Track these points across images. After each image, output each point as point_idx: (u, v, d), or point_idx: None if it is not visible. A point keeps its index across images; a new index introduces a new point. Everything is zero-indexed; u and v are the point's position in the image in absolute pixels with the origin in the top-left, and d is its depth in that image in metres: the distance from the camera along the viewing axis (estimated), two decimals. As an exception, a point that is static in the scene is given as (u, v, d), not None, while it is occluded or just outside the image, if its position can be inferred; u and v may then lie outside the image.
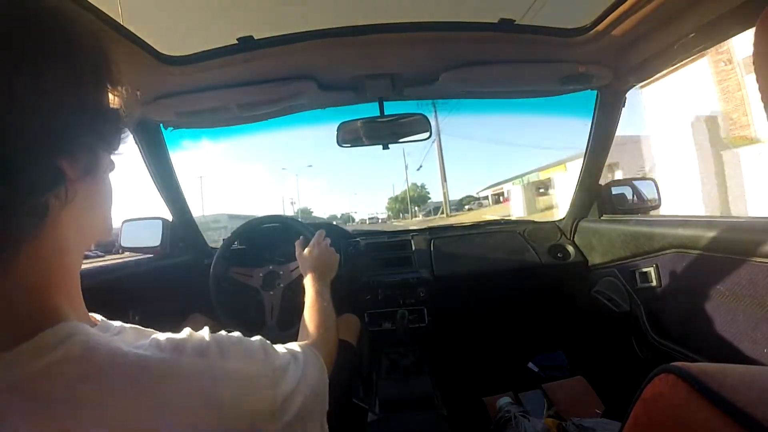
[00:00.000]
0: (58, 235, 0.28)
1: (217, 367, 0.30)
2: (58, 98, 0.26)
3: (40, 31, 0.25)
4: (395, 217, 44.64)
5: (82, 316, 0.32)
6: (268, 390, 0.33)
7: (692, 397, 0.24)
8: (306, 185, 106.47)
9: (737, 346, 0.74)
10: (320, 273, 0.79)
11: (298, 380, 0.38)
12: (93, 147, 0.30)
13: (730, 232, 0.75)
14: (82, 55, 0.28)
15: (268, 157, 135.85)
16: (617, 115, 1.18)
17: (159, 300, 1.09)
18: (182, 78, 0.94)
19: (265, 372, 0.34)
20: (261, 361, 0.35)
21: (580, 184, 1.34)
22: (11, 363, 0.24)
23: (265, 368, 0.34)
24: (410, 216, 38.81)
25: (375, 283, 1.32)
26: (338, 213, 49.66)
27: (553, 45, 0.95)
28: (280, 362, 0.37)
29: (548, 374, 1.40)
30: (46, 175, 0.26)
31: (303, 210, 46.04)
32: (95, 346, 0.26)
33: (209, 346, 0.31)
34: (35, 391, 0.24)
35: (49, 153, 0.26)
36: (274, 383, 0.34)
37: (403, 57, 0.98)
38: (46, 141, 0.25)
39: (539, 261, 1.34)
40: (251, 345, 0.35)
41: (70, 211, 0.28)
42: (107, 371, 0.26)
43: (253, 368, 0.33)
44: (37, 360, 0.25)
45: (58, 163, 0.26)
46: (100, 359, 0.26)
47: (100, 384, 0.25)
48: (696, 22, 0.76)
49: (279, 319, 1.06)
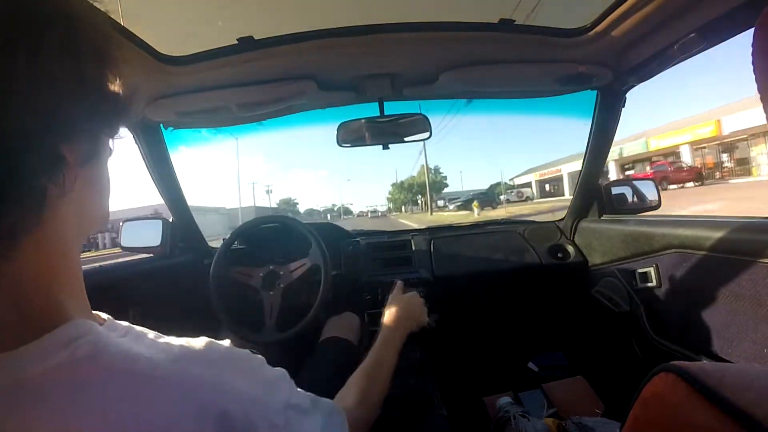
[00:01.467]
0: (58, 226, 0.28)
1: (226, 380, 0.29)
2: (59, 80, 0.25)
3: (39, 11, 0.25)
4: (396, 209, 35.89)
5: (87, 313, 0.31)
6: (276, 418, 0.31)
7: (691, 397, 0.24)
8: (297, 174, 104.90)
9: (737, 346, 0.74)
10: (404, 326, 0.74)
11: (322, 426, 0.36)
12: (94, 132, 0.29)
13: (731, 232, 0.75)
14: (82, 37, 0.27)
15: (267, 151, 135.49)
16: (617, 115, 1.18)
17: (159, 300, 1.09)
18: (182, 78, 0.94)
19: (276, 400, 0.32)
20: (275, 387, 0.33)
21: (580, 184, 1.34)
22: (18, 362, 0.24)
23: (276, 396, 0.33)
24: (425, 208, 29.59)
25: (375, 283, 1.32)
26: (328, 204, 47.52)
27: (553, 45, 0.95)
28: (297, 401, 0.35)
29: (548, 374, 1.40)
30: (47, 161, 0.25)
31: (285, 201, 42.16)
32: (104, 348, 0.26)
33: (223, 358, 0.31)
34: (43, 390, 0.24)
35: (49, 137, 0.25)
36: (286, 414, 0.32)
37: (403, 57, 0.98)
38: (47, 124, 0.24)
39: (539, 261, 1.34)
40: (270, 372, 0.34)
41: (69, 199, 0.28)
42: (116, 373, 0.26)
43: (264, 392, 0.32)
44: (45, 360, 0.24)
45: (58, 147, 0.26)
46: (109, 361, 0.26)
47: (109, 386, 0.25)
48: (696, 22, 0.76)
49: (278, 320, 1.06)
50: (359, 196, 74.43)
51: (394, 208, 35.72)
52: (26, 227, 0.25)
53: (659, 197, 1.30)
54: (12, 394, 0.23)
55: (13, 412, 0.23)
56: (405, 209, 33.87)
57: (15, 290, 0.25)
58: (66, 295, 0.28)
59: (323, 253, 1.07)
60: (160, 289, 1.13)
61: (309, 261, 1.09)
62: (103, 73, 0.29)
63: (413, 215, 26.72)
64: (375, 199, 51.52)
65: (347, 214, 40.24)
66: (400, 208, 34.32)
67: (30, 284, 0.26)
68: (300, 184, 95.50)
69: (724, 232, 0.76)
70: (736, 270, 0.73)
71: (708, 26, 0.75)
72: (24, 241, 0.25)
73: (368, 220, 22.55)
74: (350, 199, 56.73)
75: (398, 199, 33.22)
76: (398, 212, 33.02)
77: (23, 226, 0.25)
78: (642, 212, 1.30)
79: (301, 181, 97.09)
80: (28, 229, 0.25)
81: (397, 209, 35.24)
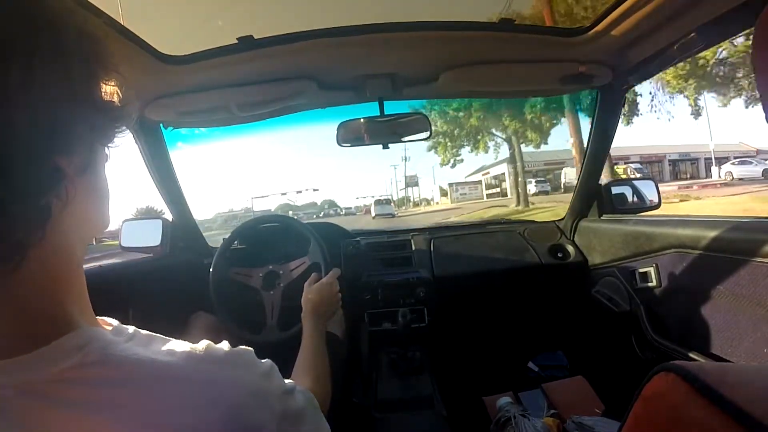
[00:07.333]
0: (61, 236, 0.28)
1: (230, 376, 0.31)
2: (52, 93, 0.25)
3: (31, 25, 0.25)
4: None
5: (92, 320, 0.32)
6: (275, 404, 0.34)
7: (691, 396, 0.24)
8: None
9: (737, 346, 0.74)
10: (321, 312, 0.80)
11: (304, 405, 0.39)
12: (89, 141, 0.30)
13: (730, 232, 0.75)
14: (70, 48, 0.27)
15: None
16: (617, 115, 1.18)
17: (159, 300, 1.08)
18: (182, 78, 0.94)
19: (273, 390, 0.35)
20: (270, 378, 0.35)
21: (580, 184, 1.34)
22: (29, 366, 0.25)
23: (272, 386, 0.35)
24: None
25: (375, 282, 1.32)
26: (323, 199, 45.55)
27: (553, 45, 0.95)
28: (287, 387, 0.38)
29: (548, 374, 1.40)
30: (45, 175, 0.25)
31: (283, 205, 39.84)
32: (112, 352, 0.27)
33: (225, 356, 0.32)
34: (53, 394, 0.24)
35: (45, 151, 0.25)
36: (281, 401, 0.35)
37: (403, 57, 0.98)
38: (42, 138, 0.25)
39: (539, 261, 1.34)
40: (262, 364, 0.36)
41: (71, 209, 0.28)
42: (124, 376, 0.26)
43: (263, 383, 0.34)
44: (55, 365, 0.25)
45: (55, 160, 0.26)
46: (117, 365, 0.27)
47: (117, 389, 0.26)
48: (696, 22, 0.76)
49: (279, 319, 1.06)
50: (359, 185, 69.16)
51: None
52: (32, 241, 0.25)
53: (659, 197, 1.30)
54: (22, 397, 0.24)
55: (24, 414, 0.24)
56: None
57: (22, 300, 0.26)
58: (72, 303, 0.29)
59: (323, 250, 1.07)
60: (160, 289, 1.13)
61: (309, 259, 1.09)
62: (93, 81, 0.29)
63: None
64: (375, 188, 47.55)
65: (333, 207, 39.25)
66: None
67: (36, 294, 0.27)
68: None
69: (723, 231, 0.76)
70: (736, 270, 0.73)
71: (708, 26, 0.75)
72: (30, 254, 0.25)
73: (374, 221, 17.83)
74: (347, 189, 52.10)
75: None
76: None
77: (29, 240, 0.25)
78: (642, 212, 1.30)
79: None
80: (34, 243, 0.25)
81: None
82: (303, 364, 0.65)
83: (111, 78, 0.31)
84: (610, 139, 1.24)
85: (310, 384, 0.57)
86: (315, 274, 0.94)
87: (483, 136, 15.24)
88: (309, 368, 0.64)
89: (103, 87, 0.30)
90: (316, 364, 0.65)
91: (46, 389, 0.24)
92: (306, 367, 0.64)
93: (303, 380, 0.59)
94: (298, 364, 0.65)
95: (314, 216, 35.50)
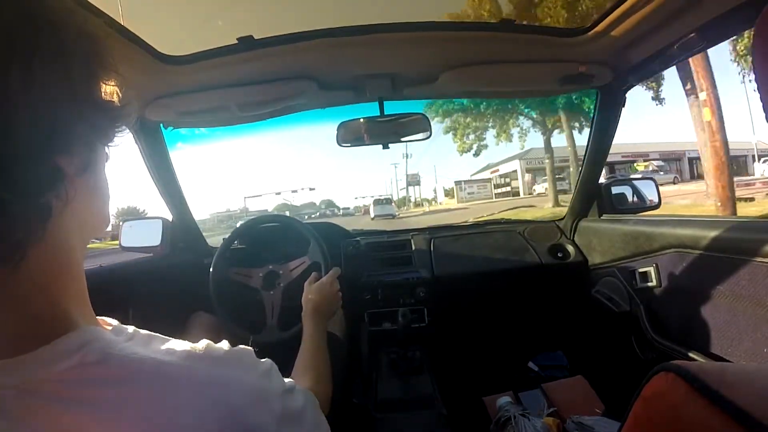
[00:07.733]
0: (61, 235, 0.28)
1: (231, 375, 0.31)
2: (52, 93, 0.25)
3: (31, 25, 0.25)
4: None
5: (92, 320, 0.32)
6: (276, 404, 0.34)
7: (691, 396, 0.24)
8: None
9: (737, 346, 0.74)
10: (321, 312, 0.80)
11: (304, 405, 0.39)
12: (89, 141, 0.30)
13: (730, 232, 0.75)
14: (70, 48, 0.27)
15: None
16: (617, 115, 1.18)
17: (159, 300, 1.08)
18: (182, 78, 0.94)
19: (273, 390, 0.35)
20: (270, 377, 0.36)
21: (580, 184, 1.34)
22: (29, 366, 0.25)
23: (272, 386, 0.35)
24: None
25: (375, 282, 1.32)
26: (322, 197, 45.10)
27: (553, 45, 0.95)
28: (287, 386, 0.38)
29: (548, 374, 1.40)
30: (45, 175, 0.25)
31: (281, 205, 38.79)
32: (113, 352, 0.27)
33: (225, 356, 0.32)
34: (54, 393, 0.25)
35: (45, 151, 0.25)
36: (281, 401, 0.35)
37: (403, 57, 0.98)
38: (42, 138, 0.25)
39: (539, 261, 1.34)
40: (262, 363, 0.36)
41: (71, 209, 0.28)
42: (125, 376, 0.26)
43: (263, 383, 0.34)
44: (55, 364, 0.25)
45: (55, 160, 0.26)
46: (118, 364, 0.27)
47: (118, 388, 0.26)
48: (696, 22, 0.76)
49: (279, 319, 1.06)
50: (358, 184, 68.05)
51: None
52: (32, 241, 0.25)
53: (659, 197, 1.30)
54: (23, 396, 0.24)
55: (24, 414, 0.24)
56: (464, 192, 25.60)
57: (22, 300, 0.26)
58: (71, 302, 0.29)
59: (322, 250, 1.07)
60: (160, 289, 1.13)
61: (308, 259, 1.09)
62: (93, 81, 0.29)
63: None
64: (375, 187, 46.67)
65: (330, 207, 38.74)
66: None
67: (36, 293, 0.27)
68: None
69: (723, 231, 0.76)
70: (736, 270, 0.73)
71: (708, 26, 0.75)
72: (31, 254, 0.26)
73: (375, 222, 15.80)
74: (345, 188, 51.59)
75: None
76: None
77: (29, 240, 0.25)
78: (642, 212, 1.30)
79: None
80: (34, 243, 0.26)
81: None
82: (303, 363, 0.65)
83: (111, 78, 0.31)
84: (610, 139, 1.24)
85: (310, 384, 0.57)
86: (315, 274, 0.94)
87: (511, 116, 13.05)
88: (309, 368, 0.64)
89: (103, 87, 0.30)
90: (316, 364, 0.65)
91: (46, 389, 0.24)
92: (306, 366, 0.64)
93: (303, 380, 0.59)
94: (298, 363, 0.65)
95: (311, 216, 35.07)
